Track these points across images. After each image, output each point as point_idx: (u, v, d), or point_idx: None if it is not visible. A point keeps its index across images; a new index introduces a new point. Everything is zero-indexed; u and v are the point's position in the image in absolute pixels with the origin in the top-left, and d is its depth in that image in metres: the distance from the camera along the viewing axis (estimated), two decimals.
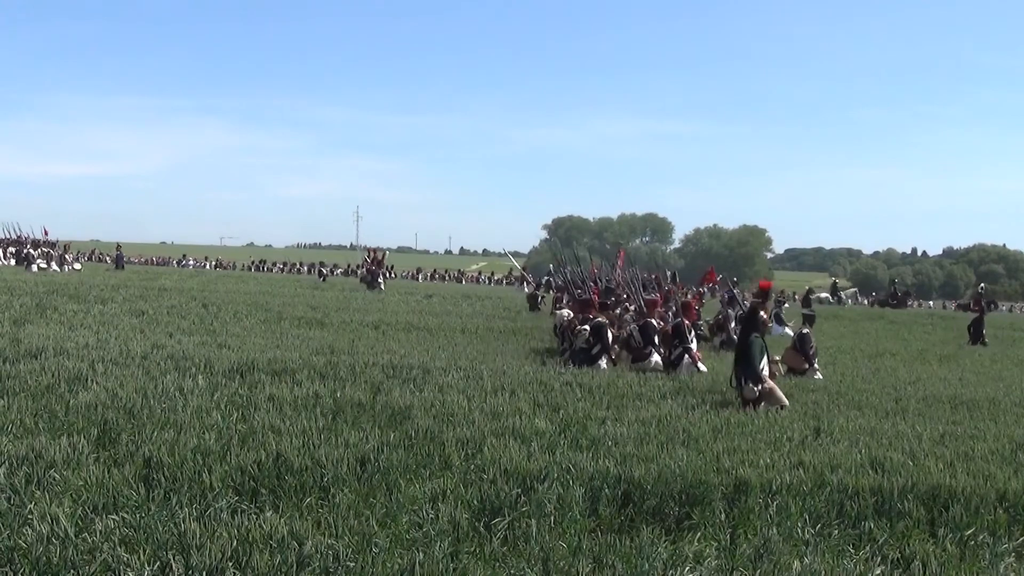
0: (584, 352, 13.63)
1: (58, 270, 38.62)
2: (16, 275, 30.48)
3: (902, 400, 11.25)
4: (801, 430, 8.58)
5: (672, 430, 8.15)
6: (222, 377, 9.73)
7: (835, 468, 6.93)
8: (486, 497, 5.73)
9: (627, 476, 6.30)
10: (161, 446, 6.36)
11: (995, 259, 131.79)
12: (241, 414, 7.76)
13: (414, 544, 4.91)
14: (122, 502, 5.26)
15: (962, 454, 7.86)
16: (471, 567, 4.70)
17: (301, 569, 4.48)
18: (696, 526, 5.66)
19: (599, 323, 13.93)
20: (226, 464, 6.02)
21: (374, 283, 35.52)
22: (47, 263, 40.27)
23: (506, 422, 8.01)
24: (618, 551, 5.04)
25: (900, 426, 9.19)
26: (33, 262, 39.16)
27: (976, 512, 6.14)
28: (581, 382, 10.88)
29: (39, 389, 8.45)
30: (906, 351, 20.49)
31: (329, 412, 8.05)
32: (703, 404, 9.88)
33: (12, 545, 4.52)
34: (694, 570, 4.91)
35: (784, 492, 6.22)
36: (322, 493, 5.73)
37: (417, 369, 11.06)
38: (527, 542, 5.13)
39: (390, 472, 6.16)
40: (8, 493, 5.27)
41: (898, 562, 5.34)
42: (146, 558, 4.43)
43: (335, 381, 9.81)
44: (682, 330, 13.89)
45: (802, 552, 5.29)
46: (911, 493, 6.36)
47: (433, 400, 8.93)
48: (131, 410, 7.65)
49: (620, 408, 9.28)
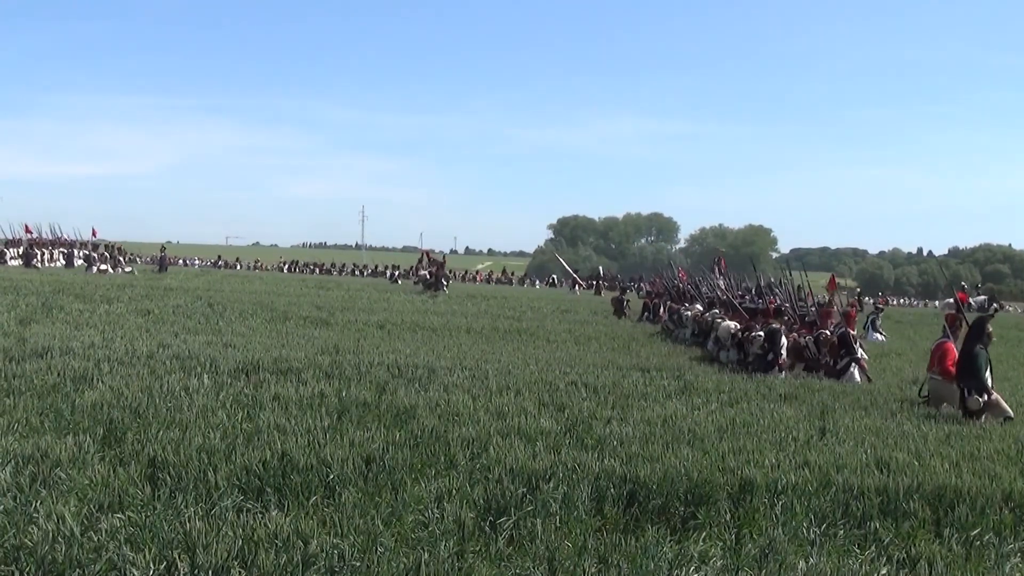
0: (760, 358, 13.83)
1: (113, 272, 38.62)
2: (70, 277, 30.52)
3: (908, 400, 11.23)
4: (807, 430, 8.57)
5: (677, 430, 8.14)
6: (227, 376, 9.74)
7: (841, 468, 6.92)
8: (491, 496, 5.73)
9: (632, 476, 6.29)
10: (166, 445, 6.36)
11: (1001, 259, 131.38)
12: (246, 413, 7.77)
13: (419, 543, 4.91)
14: (128, 501, 5.27)
15: (968, 454, 7.85)
16: (476, 566, 4.70)
17: (306, 568, 4.48)
18: (701, 526, 5.65)
19: (773, 329, 14.09)
20: (231, 463, 6.03)
21: (438, 286, 36.28)
22: (108, 266, 40.33)
23: (511, 421, 8.01)
24: (623, 551, 5.04)
25: (906, 426, 9.18)
26: (94, 264, 39.12)
27: (982, 512, 6.12)
28: (586, 382, 10.87)
29: (45, 388, 8.47)
30: (912, 351, 20.43)
31: (334, 411, 8.05)
32: (708, 404, 9.87)
33: (18, 544, 4.53)
34: (699, 570, 4.90)
35: (789, 492, 6.21)
36: (327, 492, 5.73)
37: (422, 369, 11.06)
38: (532, 541, 5.13)
39: (395, 471, 6.17)
40: (14, 492, 5.27)
41: (904, 562, 5.33)
42: (151, 557, 4.43)
43: (340, 380, 9.82)
44: (848, 340, 13.95)
45: (807, 552, 5.29)
46: (917, 493, 6.35)
47: (438, 400, 8.93)
48: (136, 409, 7.66)
49: (625, 408, 9.27)
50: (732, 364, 14.65)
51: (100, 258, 41.45)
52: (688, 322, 20.43)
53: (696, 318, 19.84)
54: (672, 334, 21.35)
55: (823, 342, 14.24)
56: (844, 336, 14.02)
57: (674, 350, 17.29)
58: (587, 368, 12.43)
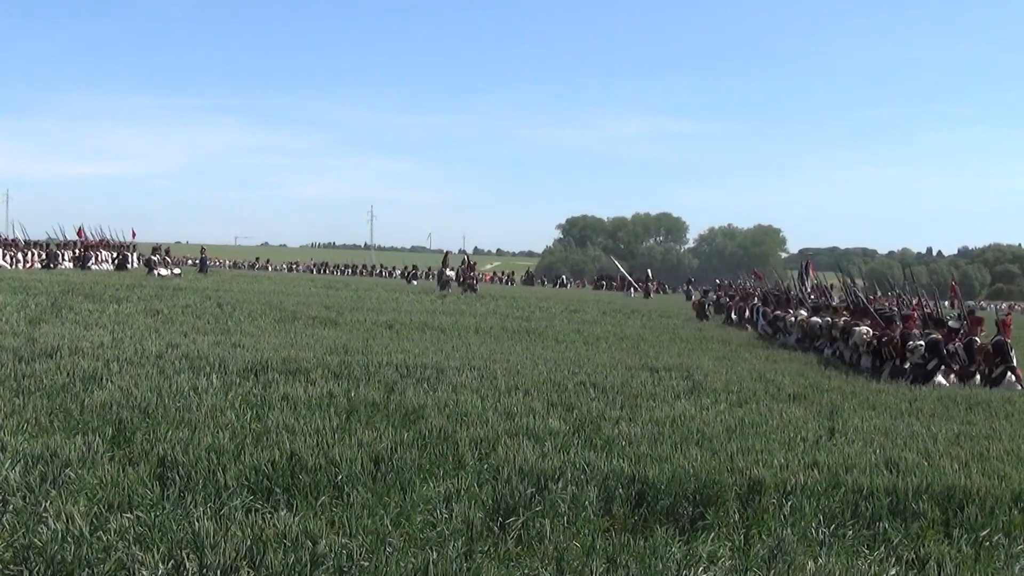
0: (920, 367, 13.84)
1: (167, 274, 38.77)
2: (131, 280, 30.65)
3: (917, 400, 11.20)
4: (816, 430, 8.55)
5: (686, 430, 8.13)
6: (236, 376, 9.76)
7: (850, 468, 6.90)
8: (500, 497, 5.73)
9: (641, 476, 6.28)
10: (175, 445, 6.38)
11: (1010, 259, 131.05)
12: (255, 413, 7.79)
13: (428, 543, 4.91)
14: (137, 501, 5.28)
15: (977, 454, 7.82)
16: (485, 567, 4.70)
17: (315, 568, 4.48)
18: (710, 526, 5.64)
19: (934, 339, 14.09)
20: (240, 463, 6.04)
21: (472, 286, 38.11)
22: (167, 269, 40.46)
23: (520, 422, 8.01)
24: (632, 551, 5.03)
25: (915, 426, 9.15)
26: (155, 268, 39.26)
27: (991, 513, 6.10)
28: (595, 382, 10.87)
29: (54, 388, 8.49)
30: None
31: (343, 411, 8.06)
32: (716, 404, 9.86)
33: (27, 543, 4.55)
34: (708, 570, 4.89)
35: (798, 492, 6.19)
36: (336, 492, 5.74)
37: (431, 369, 11.07)
38: (541, 542, 5.13)
39: (404, 471, 6.17)
40: (23, 492, 5.29)
41: (913, 563, 5.31)
42: (160, 556, 4.44)
43: (349, 380, 9.83)
44: (1004, 348, 14.00)
45: (816, 552, 5.27)
46: (926, 493, 6.33)
47: (447, 400, 8.94)
48: (146, 409, 7.68)
49: (634, 408, 9.26)
50: (867, 371, 14.64)
51: (160, 261, 41.39)
52: (793, 327, 20.48)
53: (802, 323, 19.92)
54: (773, 339, 21.34)
55: (977, 350, 14.30)
56: (1000, 344, 14.08)
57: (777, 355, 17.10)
58: (596, 368, 12.42)
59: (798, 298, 23.82)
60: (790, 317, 21.14)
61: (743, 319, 26.37)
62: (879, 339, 15.26)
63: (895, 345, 14.71)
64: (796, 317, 20.66)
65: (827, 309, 19.59)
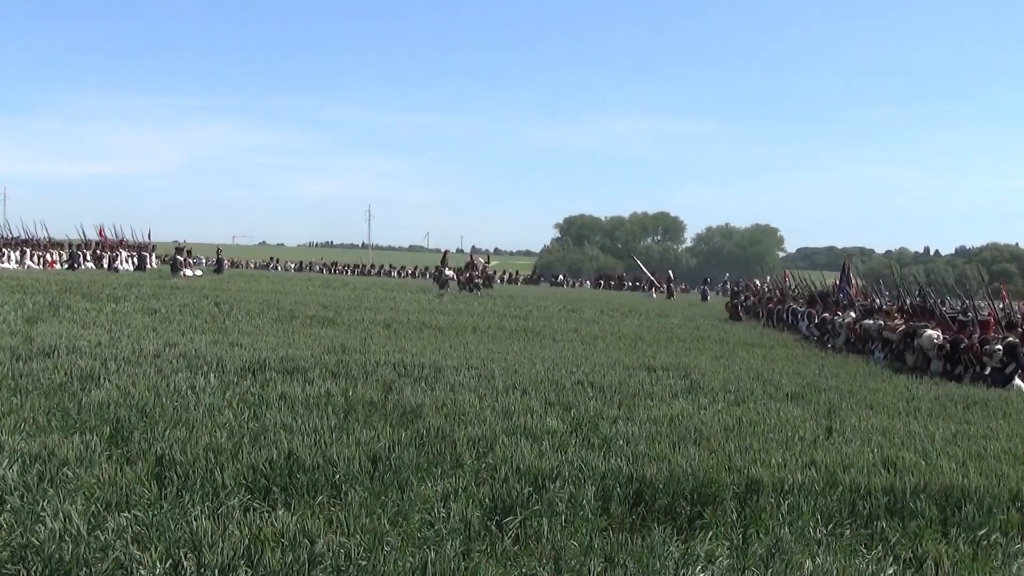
0: (998, 372, 13.90)
1: (192, 275, 38.64)
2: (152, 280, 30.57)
3: (914, 399, 11.21)
4: (813, 429, 8.56)
5: (684, 429, 8.13)
6: (234, 375, 9.76)
7: (847, 467, 6.91)
8: (498, 496, 5.73)
9: (639, 475, 6.29)
10: (173, 444, 6.37)
11: (1008, 258, 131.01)
12: (253, 412, 7.78)
13: (426, 543, 4.91)
14: (134, 500, 5.28)
15: (975, 453, 7.83)
16: (483, 566, 4.70)
17: (313, 567, 4.48)
18: (708, 525, 5.64)
19: (1012, 343, 14.14)
20: (238, 462, 6.04)
21: (489, 284, 39.88)
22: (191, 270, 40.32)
23: (518, 421, 8.01)
24: (630, 550, 5.03)
25: (912, 425, 9.16)
26: (181, 268, 39.09)
27: (989, 512, 6.11)
28: (592, 381, 10.87)
29: (52, 387, 8.49)
30: None
31: (341, 411, 8.06)
32: (714, 403, 9.86)
33: (25, 543, 4.54)
34: (706, 569, 4.89)
35: (796, 491, 6.20)
36: (334, 491, 5.74)
37: (429, 368, 11.07)
38: (539, 541, 5.13)
39: (402, 470, 6.17)
40: (21, 491, 5.29)
41: (910, 562, 5.31)
42: (158, 556, 4.44)
43: (347, 380, 9.83)
44: None
45: (814, 552, 5.27)
46: (923, 493, 6.34)
47: (445, 399, 8.94)
48: (143, 408, 7.68)
49: (631, 407, 9.26)
50: (937, 375, 14.61)
51: (185, 262, 41.21)
52: (841, 330, 20.47)
53: (853, 326, 19.91)
54: (821, 342, 21.30)
55: None
56: None
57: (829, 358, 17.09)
58: (593, 367, 12.43)
59: (845, 301, 23.67)
60: (839, 319, 21.05)
61: (780, 320, 26.37)
62: (952, 343, 15.14)
63: (975, 351, 14.58)
64: (845, 320, 20.62)
65: (879, 312, 19.61)
